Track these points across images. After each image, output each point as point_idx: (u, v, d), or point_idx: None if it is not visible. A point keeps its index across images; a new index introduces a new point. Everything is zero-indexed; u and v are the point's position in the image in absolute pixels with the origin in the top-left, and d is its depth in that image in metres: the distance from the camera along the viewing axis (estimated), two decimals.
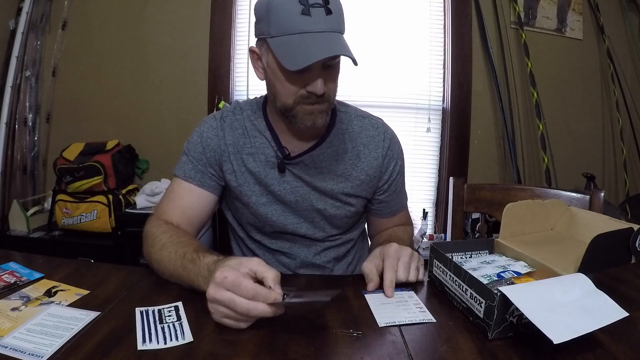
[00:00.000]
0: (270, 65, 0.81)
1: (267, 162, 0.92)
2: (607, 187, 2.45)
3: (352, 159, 0.94)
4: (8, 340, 0.55)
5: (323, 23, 0.74)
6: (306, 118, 0.82)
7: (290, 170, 0.92)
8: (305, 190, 0.93)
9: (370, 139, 0.96)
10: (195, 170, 0.91)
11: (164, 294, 0.71)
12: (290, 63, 0.74)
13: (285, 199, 0.93)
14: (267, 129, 0.92)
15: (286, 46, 0.75)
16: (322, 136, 0.93)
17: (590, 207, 1.15)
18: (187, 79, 2.25)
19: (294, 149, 0.91)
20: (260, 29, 0.80)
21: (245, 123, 0.93)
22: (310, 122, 0.83)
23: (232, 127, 0.93)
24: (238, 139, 0.92)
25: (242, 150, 0.92)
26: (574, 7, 2.34)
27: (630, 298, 0.73)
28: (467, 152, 2.33)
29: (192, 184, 0.91)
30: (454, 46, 2.26)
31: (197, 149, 0.92)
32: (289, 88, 0.80)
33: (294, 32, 0.74)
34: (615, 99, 2.34)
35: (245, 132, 0.93)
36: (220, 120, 0.94)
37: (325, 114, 0.84)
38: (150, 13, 2.22)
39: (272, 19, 0.76)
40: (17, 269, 0.77)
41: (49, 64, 2.21)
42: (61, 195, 1.99)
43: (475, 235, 2.08)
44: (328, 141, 0.93)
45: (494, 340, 0.59)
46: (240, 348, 0.56)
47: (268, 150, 0.92)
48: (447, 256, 0.73)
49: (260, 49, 0.83)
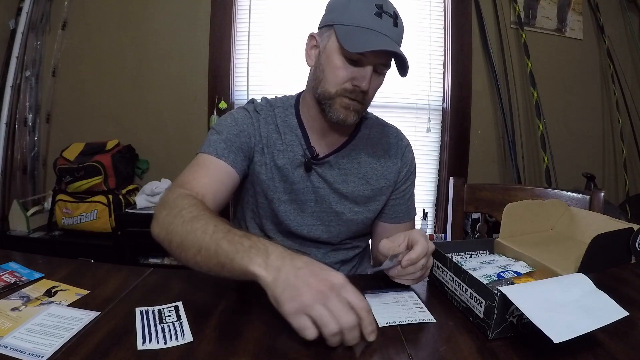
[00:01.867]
0: (328, 49, 0.84)
1: (295, 160, 0.93)
2: (607, 187, 2.45)
3: (373, 164, 0.97)
4: (8, 340, 0.55)
5: (389, 30, 0.81)
6: (341, 111, 0.85)
7: (315, 170, 0.93)
8: (326, 192, 0.94)
9: (390, 146, 0.99)
10: (229, 150, 0.87)
11: (164, 294, 0.71)
12: (351, 46, 0.79)
13: (304, 198, 0.94)
14: (299, 127, 0.93)
15: (351, 34, 0.80)
16: (348, 139, 0.96)
17: (590, 207, 1.15)
18: (187, 79, 2.25)
19: (321, 149, 0.93)
20: (330, 18, 0.85)
21: (277, 119, 0.94)
22: (343, 116, 0.85)
23: (266, 121, 0.93)
24: (271, 134, 0.93)
25: (274, 145, 0.92)
26: (574, 7, 2.34)
27: (630, 298, 0.73)
28: (467, 152, 2.33)
29: (223, 162, 0.85)
30: (454, 46, 2.26)
31: (232, 130, 0.89)
32: (337, 75, 0.83)
33: (363, 26, 0.80)
34: (615, 99, 2.34)
35: (277, 128, 0.93)
36: (254, 112, 0.94)
37: (358, 113, 0.87)
38: (150, 13, 2.23)
39: (347, 10, 0.82)
40: (17, 269, 0.77)
41: (49, 64, 2.21)
42: (61, 195, 1.99)
43: (475, 235, 2.08)
44: (353, 144, 0.96)
45: (494, 340, 0.59)
46: (240, 348, 0.56)
47: (297, 148, 0.93)
48: (447, 256, 0.73)
49: (320, 36, 0.87)
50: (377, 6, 0.80)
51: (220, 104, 2.19)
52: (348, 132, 0.96)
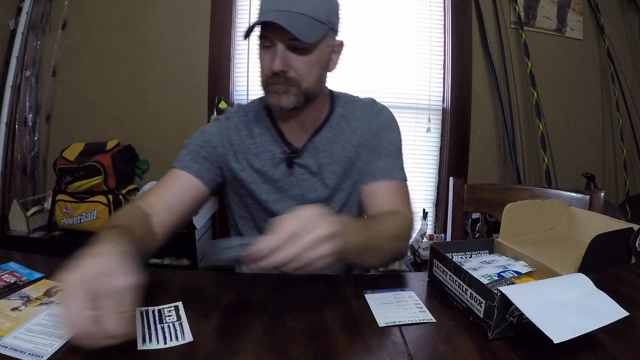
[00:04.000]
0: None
1: (274, 159, 0.93)
2: (607, 187, 2.45)
3: (350, 136, 0.95)
4: (8, 340, 0.55)
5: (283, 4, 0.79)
6: (274, 97, 0.84)
7: (297, 163, 0.93)
8: (312, 182, 0.94)
9: (363, 114, 0.97)
10: (194, 161, 0.91)
11: (164, 294, 0.71)
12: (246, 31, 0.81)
13: (291, 193, 0.94)
14: (272, 126, 0.94)
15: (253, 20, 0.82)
16: (322, 122, 0.95)
17: (590, 207, 1.15)
18: (187, 79, 2.25)
19: (298, 140, 0.93)
20: None
21: (250, 124, 0.95)
22: (277, 102, 0.84)
23: (237, 127, 0.95)
24: (244, 140, 0.94)
25: (247, 150, 0.93)
26: (574, 7, 2.34)
27: (630, 298, 0.73)
28: (467, 152, 2.33)
29: (189, 173, 0.89)
30: (454, 46, 2.26)
31: (197, 142, 0.93)
32: (260, 66, 0.85)
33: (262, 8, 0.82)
34: (615, 99, 2.34)
35: (250, 133, 0.94)
36: (226, 121, 0.96)
37: (293, 95, 0.84)
38: (150, 13, 2.22)
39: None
40: (17, 269, 0.77)
41: (49, 64, 2.21)
42: (61, 195, 1.99)
43: (475, 235, 2.08)
44: (328, 125, 0.95)
45: (494, 340, 0.59)
46: (240, 348, 0.56)
47: (274, 147, 0.93)
48: (447, 256, 0.73)
49: None
50: None
51: (220, 104, 2.18)
52: (320, 115, 0.95)
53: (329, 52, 0.87)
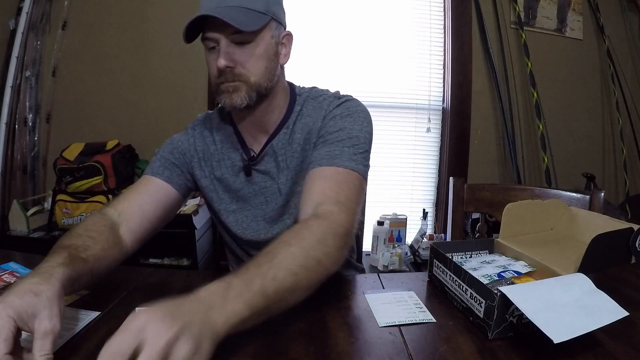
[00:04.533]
0: None
1: (234, 167, 0.91)
2: (607, 187, 2.45)
3: (305, 135, 0.88)
4: None
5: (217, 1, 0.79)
6: (226, 97, 0.81)
7: (256, 170, 0.90)
8: (273, 189, 0.90)
9: (316, 108, 0.89)
10: (164, 167, 0.91)
11: (164, 294, 0.71)
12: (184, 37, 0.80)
13: (254, 201, 0.91)
14: (234, 132, 0.92)
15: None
16: (280, 123, 0.89)
17: (590, 207, 1.15)
18: (187, 79, 2.25)
19: (257, 145, 0.91)
20: None
21: (214, 131, 0.94)
22: (230, 101, 0.81)
23: (202, 135, 0.94)
24: (208, 147, 0.93)
25: (211, 157, 0.93)
26: (574, 7, 2.34)
27: (630, 298, 0.73)
28: (467, 152, 2.33)
29: (159, 179, 0.89)
30: (454, 46, 2.26)
31: (167, 148, 0.94)
32: (208, 69, 0.83)
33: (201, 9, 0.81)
34: (615, 99, 2.35)
35: (213, 139, 0.93)
36: (192, 129, 0.96)
37: (243, 91, 0.81)
38: (150, 13, 2.23)
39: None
40: (17, 269, 0.77)
41: (49, 64, 2.21)
42: (61, 195, 1.99)
43: (475, 235, 2.08)
44: (285, 126, 0.89)
45: (494, 340, 0.59)
46: (240, 348, 0.56)
47: (234, 154, 0.91)
48: (447, 256, 0.73)
49: None
50: None
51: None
52: (278, 116, 0.89)
53: (275, 43, 0.84)
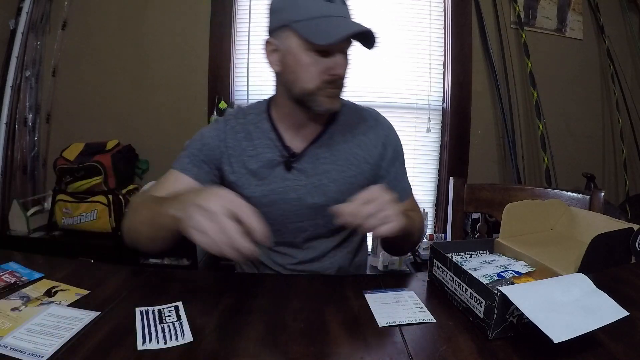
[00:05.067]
0: (292, 50, 0.83)
1: (271, 162, 0.93)
2: (607, 187, 2.45)
3: (354, 149, 0.95)
4: (8, 340, 0.55)
5: (344, 11, 0.83)
6: (326, 102, 0.85)
7: (294, 168, 0.93)
8: (309, 188, 0.93)
9: (369, 129, 0.98)
10: (192, 164, 0.92)
11: (164, 294, 0.71)
12: (320, 38, 0.79)
13: (287, 197, 0.93)
14: (272, 130, 0.94)
15: (314, 27, 0.79)
16: (323, 129, 0.95)
17: (590, 207, 1.15)
18: (187, 79, 2.25)
19: (297, 145, 0.93)
20: (280, 18, 0.84)
21: (249, 127, 0.95)
22: (330, 106, 0.86)
23: (234, 130, 0.95)
24: (240, 142, 0.94)
25: (243, 152, 0.93)
26: (574, 7, 2.34)
27: (630, 298, 0.73)
28: (467, 152, 2.33)
29: (186, 176, 0.91)
30: (454, 46, 2.26)
31: (196, 145, 0.94)
32: (310, 72, 0.83)
33: (320, 15, 0.80)
34: (615, 99, 2.34)
35: (248, 135, 0.94)
36: (224, 124, 0.96)
37: (340, 99, 0.89)
38: (150, 13, 2.22)
39: (298, 5, 0.81)
40: (17, 269, 0.77)
41: (49, 64, 2.21)
42: (61, 195, 1.99)
43: (475, 235, 2.08)
44: (329, 132, 0.95)
45: (494, 340, 0.59)
46: (240, 348, 0.56)
47: (272, 150, 0.93)
48: (447, 256, 0.73)
49: (278, 39, 0.85)
50: None
51: (220, 104, 2.18)
52: (323, 122, 0.95)
53: None
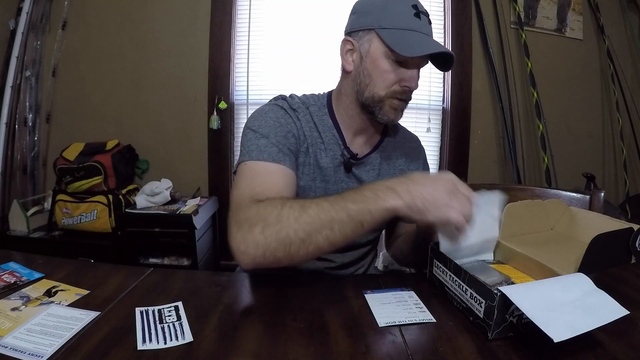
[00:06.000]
0: (372, 54, 0.83)
1: (335, 160, 0.91)
2: (607, 187, 2.45)
3: (402, 166, 0.99)
4: (8, 340, 0.55)
5: (427, 29, 0.83)
6: (391, 112, 0.86)
7: (354, 172, 0.92)
8: None
9: (411, 150, 1.02)
10: (283, 153, 0.82)
11: (164, 294, 0.71)
12: (405, 50, 0.79)
13: None
14: (334, 127, 0.91)
15: (400, 38, 0.80)
16: (380, 140, 0.97)
17: (590, 207, 1.15)
18: (187, 79, 2.25)
19: (355, 149, 0.93)
20: (366, 21, 0.84)
21: (314, 118, 0.91)
22: (393, 117, 0.87)
23: (305, 119, 0.90)
24: (312, 133, 0.90)
25: (316, 144, 0.90)
26: (574, 7, 2.34)
27: (631, 298, 0.73)
28: (467, 152, 2.33)
29: (284, 166, 0.80)
30: (454, 46, 2.26)
31: (279, 132, 0.84)
32: (387, 79, 0.83)
33: (407, 28, 0.81)
34: (615, 99, 2.34)
35: (316, 127, 0.90)
36: (292, 111, 0.89)
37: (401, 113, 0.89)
38: (150, 13, 2.23)
39: (387, 13, 0.82)
40: (17, 269, 0.77)
41: (49, 64, 2.21)
42: (61, 195, 1.99)
43: None
44: (384, 145, 0.97)
45: (494, 340, 0.59)
46: (240, 348, 0.56)
47: (335, 147, 0.91)
48: (447, 256, 0.73)
49: (358, 40, 0.85)
50: (414, 7, 0.81)
51: (220, 104, 2.19)
52: (380, 131, 0.96)
53: None
